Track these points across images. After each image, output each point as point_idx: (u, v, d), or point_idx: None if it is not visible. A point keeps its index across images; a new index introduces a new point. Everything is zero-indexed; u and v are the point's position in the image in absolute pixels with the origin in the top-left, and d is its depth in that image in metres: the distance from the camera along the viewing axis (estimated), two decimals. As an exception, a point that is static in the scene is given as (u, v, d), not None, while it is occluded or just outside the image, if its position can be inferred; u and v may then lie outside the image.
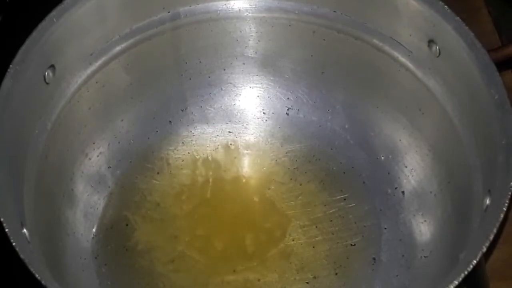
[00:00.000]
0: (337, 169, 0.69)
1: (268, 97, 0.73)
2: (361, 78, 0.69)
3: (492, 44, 0.75)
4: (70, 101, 0.64)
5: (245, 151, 0.71)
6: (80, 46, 0.63)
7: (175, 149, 0.71)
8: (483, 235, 0.50)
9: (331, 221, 0.66)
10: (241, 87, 0.73)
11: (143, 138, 0.70)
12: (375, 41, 0.66)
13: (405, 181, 0.67)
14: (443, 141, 0.64)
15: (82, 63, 0.64)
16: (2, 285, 0.63)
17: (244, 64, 0.72)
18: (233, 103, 0.73)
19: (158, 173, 0.69)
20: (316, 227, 0.66)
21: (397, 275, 0.63)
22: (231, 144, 0.71)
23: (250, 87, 0.73)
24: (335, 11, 0.67)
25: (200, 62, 0.71)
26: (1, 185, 0.52)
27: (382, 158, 0.69)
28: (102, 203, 0.67)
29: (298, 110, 0.72)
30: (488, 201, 0.53)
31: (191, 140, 0.71)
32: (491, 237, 0.49)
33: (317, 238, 0.65)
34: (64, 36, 0.61)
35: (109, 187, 0.68)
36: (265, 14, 0.70)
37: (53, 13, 0.59)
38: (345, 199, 0.67)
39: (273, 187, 0.68)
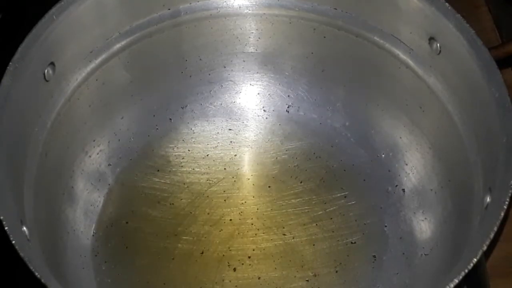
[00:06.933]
0: (337, 166, 0.69)
1: (269, 94, 0.73)
2: (361, 76, 0.69)
3: (492, 42, 0.75)
4: (70, 98, 0.64)
5: (245, 149, 0.71)
6: (80, 43, 0.63)
7: (175, 146, 0.71)
8: (483, 233, 0.50)
9: (331, 218, 0.66)
10: (241, 84, 0.73)
11: (143, 136, 0.70)
12: (376, 38, 0.66)
13: (405, 178, 0.67)
14: (443, 138, 0.64)
15: (82, 60, 0.64)
16: (2, 284, 0.63)
17: (244, 61, 0.72)
18: (233, 101, 0.73)
19: (158, 170, 0.69)
20: (316, 224, 0.66)
21: (397, 273, 0.63)
22: (231, 141, 0.71)
23: (251, 84, 0.73)
24: (335, 8, 0.67)
25: (200, 59, 0.71)
26: (1, 183, 0.52)
27: (383, 155, 0.69)
28: (102, 200, 0.67)
29: (299, 107, 0.72)
30: (488, 199, 0.53)
31: (191, 137, 0.71)
32: (492, 235, 0.49)
33: (317, 236, 0.65)
34: (64, 33, 0.60)
35: (109, 184, 0.68)
36: (265, 11, 0.70)
37: (53, 10, 0.59)
38: (345, 197, 0.67)
39: (273, 185, 0.68)
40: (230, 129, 0.72)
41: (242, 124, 0.72)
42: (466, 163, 0.59)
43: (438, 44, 0.61)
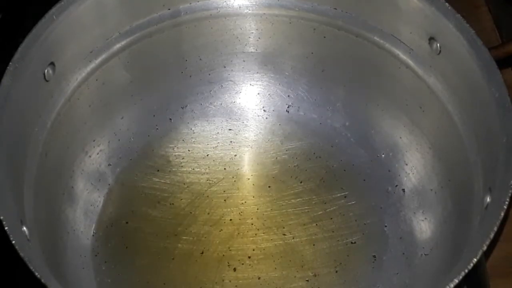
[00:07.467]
0: (337, 166, 0.69)
1: (269, 94, 0.73)
2: (361, 76, 0.69)
3: (492, 42, 0.75)
4: (70, 98, 0.64)
5: (245, 149, 0.71)
6: (80, 43, 0.63)
7: (175, 146, 0.70)
8: (483, 233, 0.50)
9: (331, 218, 0.66)
10: (241, 84, 0.73)
11: (143, 136, 0.70)
12: (376, 38, 0.66)
13: (405, 178, 0.67)
14: (443, 138, 0.64)
15: (82, 60, 0.64)
16: (2, 284, 0.62)
17: (244, 61, 0.72)
18: (233, 101, 0.73)
19: (158, 170, 0.69)
20: (316, 224, 0.66)
21: (397, 273, 0.63)
22: (231, 141, 0.71)
23: (251, 84, 0.73)
24: (335, 8, 0.67)
25: (200, 59, 0.71)
26: (1, 183, 0.52)
27: (383, 155, 0.69)
28: (102, 200, 0.67)
29: (299, 107, 0.72)
30: (488, 199, 0.53)
31: (191, 137, 0.71)
32: (492, 235, 0.49)
33: (317, 236, 0.65)
34: (64, 33, 0.60)
35: (109, 184, 0.68)
36: (265, 11, 0.69)
37: (53, 10, 0.59)
38: (345, 197, 0.67)
39: (273, 185, 0.68)
40: (230, 129, 0.72)
41: (242, 124, 0.72)
42: (466, 163, 0.59)
43: (438, 44, 0.61)
